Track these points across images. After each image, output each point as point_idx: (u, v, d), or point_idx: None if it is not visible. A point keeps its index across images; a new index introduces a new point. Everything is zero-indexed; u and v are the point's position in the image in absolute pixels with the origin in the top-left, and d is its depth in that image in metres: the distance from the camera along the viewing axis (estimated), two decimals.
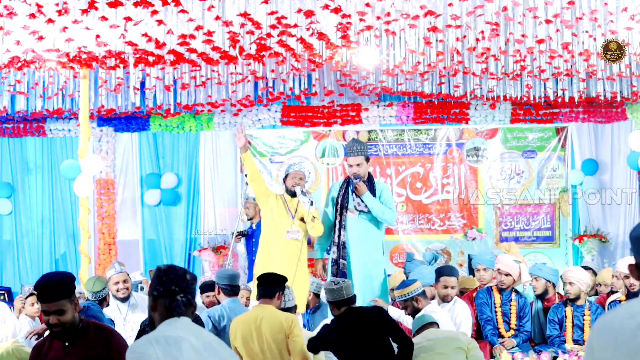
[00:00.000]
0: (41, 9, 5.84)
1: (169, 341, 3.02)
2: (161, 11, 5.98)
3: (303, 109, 10.42)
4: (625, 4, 6.43)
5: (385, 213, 7.36)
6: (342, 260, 7.40)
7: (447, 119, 10.41)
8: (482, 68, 8.10)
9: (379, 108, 10.42)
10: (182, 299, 3.15)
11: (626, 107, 10.02)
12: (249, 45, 6.78)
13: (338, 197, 7.53)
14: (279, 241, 7.51)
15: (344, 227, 7.43)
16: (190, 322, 3.18)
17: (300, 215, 7.52)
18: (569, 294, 6.68)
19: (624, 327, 2.49)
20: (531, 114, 10.36)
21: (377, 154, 10.56)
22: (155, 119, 10.47)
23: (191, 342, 3.05)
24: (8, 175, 10.88)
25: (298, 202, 7.50)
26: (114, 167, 10.69)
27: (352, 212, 7.46)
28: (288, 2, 6.20)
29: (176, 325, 3.10)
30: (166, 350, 2.99)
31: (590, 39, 6.86)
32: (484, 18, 6.52)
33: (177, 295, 3.14)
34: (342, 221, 7.45)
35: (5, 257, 10.82)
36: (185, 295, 3.16)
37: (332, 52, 7.45)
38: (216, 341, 3.21)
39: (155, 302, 3.19)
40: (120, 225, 10.65)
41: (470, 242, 10.44)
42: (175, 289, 3.16)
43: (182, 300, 3.15)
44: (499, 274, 7.01)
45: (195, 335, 3.11)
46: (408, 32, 6.86)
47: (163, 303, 3.15)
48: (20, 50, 6.85)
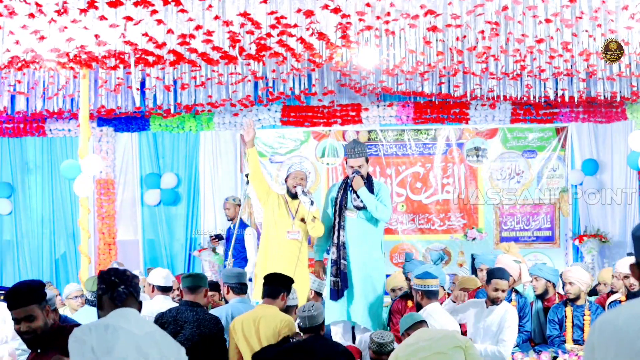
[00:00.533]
0: (41, 9, 5.84)
1: (107, 329, 3.21)
2: (161, 11, 5.98)
3: (303, 109, 10.42)
4: (625, 3, 6.43)
5: (379, 209, 7.34)
6: (343, 260, 7.40)
7: (447, 119, 10.41)
8: (482, 68, 8.10)
9: (379, 108, 10.42)
10: (123, 290, 3.38)
11: (626, 107, 10.02)
12: (249, 45, 6.78)
13: (337, 197, 7.53)
14: (279, 241, 7.52)
15: (343, 227, 7.43)
16: (136, 314, 3.38)
17: (300, 215, 7.52)
18: (569, 294, 6.68)
19: (629, 327, 2.47)
20: (531, 114, 10.36)
21: (377, 154, 10.56)
22: (155, 119, 10.47)
23: (131, 331, 3.22)
24: (8, 175, 10.88)
25: (299, 202, 7.51)
26: (114, 167, 10.68)
27: (351, 212, 7.46)
28: (288, 2, 6.19)
29: (120, 315, 3.30)
30: (102, 336, 3.17)
31: (590, 38, 6.86)
32: (484, 17, 6.52)
33: (119, 286, 3.38)
34: (341, 222, 7.45)
35: (5, 257, 10.82)
36: (126, 287, 3.40)
37: (332, 52, 7.45)
38: (159, 333, 3.38)
39: (101, 300, 3.43)
40: (120, 225, 10.65)
41: (470, 242, 10.44)
42: (115, 280, 3.40)
43: (124, 291, 3.38)
44: None
45: (139, 326, 3.30)
46: (408, 32, 6.85)
47: (107, 297, 3.39)
48: (20, 50, 6.85)
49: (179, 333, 5.16)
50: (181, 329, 5.17)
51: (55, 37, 6.40)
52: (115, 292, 3.38)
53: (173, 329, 5.17)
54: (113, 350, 3.16)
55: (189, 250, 10.67)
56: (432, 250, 9.86)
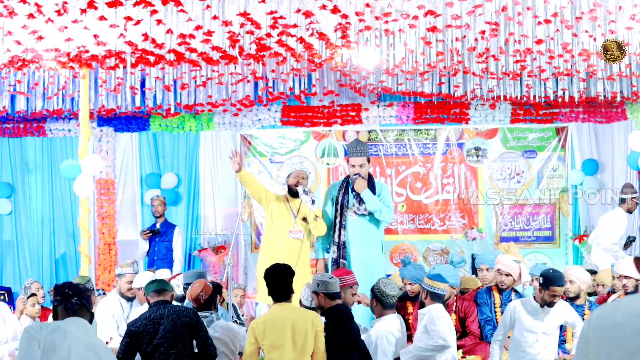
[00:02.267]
0: (40, 9, 5.84)
1: (57, 330, 3.57)
2: (161, 11, 5.98)
3: (303, 109, 10.41)
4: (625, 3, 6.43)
5: (384, 211, 7.37)
6: (342, 260, 7.42)
7: (447, 119, 10.40)
8: (482, 68, 8.10)
9: (379, 108, 10.41)
10: (76, 301, 3.71)
11: (626, 107, 10.01)
12: (249, 45, 6.78)
13: (338, 196, 7.54)
14: (281, 241, 7.55)
15: (344, 226, 7.44)
16: (86, 323, 3.71)
17: (302, 215, 7.54)
18: (569, 293, 6.68)
19: (626, 325, 2.45)
20: (531, 114, 10.35)
21: (377, 154, 10.55)
22: (155, 119, 10.47)
23: (77, 336, 3.54)
24: (8, 175, 10.88)
25: (300, 202, 7.53)
26: (114, 167, 10.68)
27: (351, 212, 7.47)
28: (287, 2, 6.19)
29: (72, 322, 3.64)
30: (49, 335, 3.52)
31: (590, 39, 6.86)
32: (484, 18, 6.52)
33: (72, 298, 3.71)
34: (342, 221, 7.47)
35: (5, 257, 10.82)
36: (79, 299, 3.73)
37: (332, 52, 7.45)
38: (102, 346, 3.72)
39: (56, 311, 3.76)
40: (120, 225, 10.65)
41: (470, 242, 10.44)
42: (69, 292, 3.73)
43: (77, 302, 3.71)
44: (499, 274, 7.02)
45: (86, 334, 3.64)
46: (408, 32, 6.86)
47: (61, 308, 3.72)
48: (20, 50, 6.85)
49: (158, 330, 5.16)
50: (159, 325, 5.17)
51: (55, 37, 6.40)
52: (69, 303, 3.70)
53: (150, 328, 5.17)
54: (57, 349, 3.49)
55: (189, 251, 10.67)
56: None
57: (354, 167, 7.48)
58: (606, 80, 8.61)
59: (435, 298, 5.93)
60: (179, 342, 5.15)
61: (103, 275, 10.23)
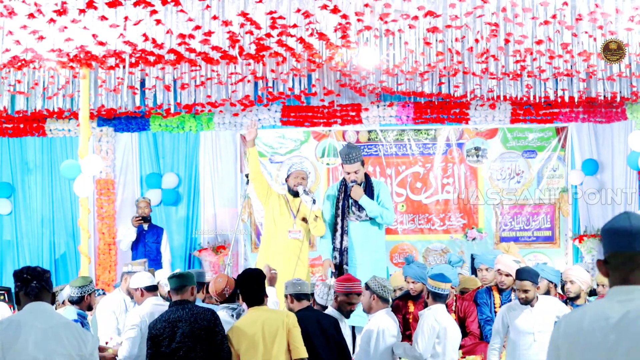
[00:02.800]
0: (40, 9, 5.84)
1: (11, 324, 3.64)
2: (160, 11, 5.98)
3: (303, 109, 10.41)
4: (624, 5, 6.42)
5: (384, 215, 7.37)
6: (345, 266, 7.39)
7: (447, 119, 10.40)
8: (482, 68, 8.10)
9: (379, 108, 10.41)
10: (36, 284, 3.74)
11: (626, 107, 10.01)
12: (249, 45, 6.78)
13: (338, 200, 7.53)
14: (281, 241, 7.54)
15: (346, 232, 7.43)
16: (47, 306, 3.74)
17: (302, 215, 7.54)
18: (569, 292, 6.68)
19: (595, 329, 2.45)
20: (531, 114, 10.35)
21: (377, 154, 10.55)
22: (155, 119, 10.46)
23: (35, 326, 3.59)
24: (8, 175, 10.87)
25: (300, 202, 7.53)
26: (114, 167, 10.67)
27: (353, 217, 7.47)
28: (287, 2, 6.19)
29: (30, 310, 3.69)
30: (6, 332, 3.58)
31: (590, 39, 6.86)
32: (484, 19, 6.52)
33: (31, 282, 3.75)
34: (344, 226, 7.45)
35: (5, 257, 10.81)
36: (38, 282, 3.76)
37: (332, 52, 7.45)
38: (63, 325, 3.69)
39: (18, 297, 3.81)
40: (120, 226, 10.63)
41: (470, 242, 10.44)
42: (28, 277, 3.77)
43: (37, 285, 3.74)
44: (499, 274, 7.00)
45: (45, 319, 3.65)
46: (408, 33, 6.86)
47: (22, 293, 3.76)
48: (20, 50, 6.85)
49: (176, 333, 5.16)
50: (177, 328, 5.16)
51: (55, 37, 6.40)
52: (29, 287, 3.74)
53: (169, 331, 5.16)
54: (15, 344, 3.54)
55: (189, 250, 10.67)
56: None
57: (348, 174, 7.47)
58: (606, 81, 8.61)
59: (437, 298, 5.92)
60: (197, 346, 5.13)
61: (103, 275, 10.22)
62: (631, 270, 2.51)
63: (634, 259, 2.52)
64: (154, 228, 10.09)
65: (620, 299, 2.48)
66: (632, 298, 2.47)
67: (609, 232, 2.58)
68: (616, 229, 2.55)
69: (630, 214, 2.57)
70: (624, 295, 2.49)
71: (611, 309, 2.46)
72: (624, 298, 2.48)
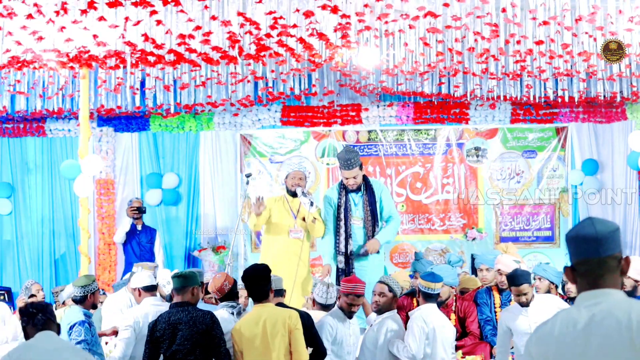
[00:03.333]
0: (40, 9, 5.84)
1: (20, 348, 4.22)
2: (160, 11, 5.98)
3: (303, 109, 10.41)
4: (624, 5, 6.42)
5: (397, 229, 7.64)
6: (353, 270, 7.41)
7: (447, 119, 10.41)
8: (482, 68, 8.10)
9: (379, 108, 10.42)
10: (41, 317, 4.27)
11: (626, 107, 10.02)
12: (249, 46, 6.78)
13: (339, 205, 7.55)
14: (282, 241, 7.56)
15: (350, 236, 7.45)
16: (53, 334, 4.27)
17: (302, 215, 7.55)
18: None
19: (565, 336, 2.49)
20: (531, 114, 10.35)
21: (377, 154, 10.56)
22: (155, 119, 10.47)
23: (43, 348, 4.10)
24: (8, 175, 10.88)
25: (300, 202, 7.53)
26: (114, 167, 10.68)
27: (356, 219, 7.49)
28: (287, 2, 6.19)
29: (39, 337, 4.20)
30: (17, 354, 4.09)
31: (590, 39, 6.86)
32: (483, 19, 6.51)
33: (37, 315, 4.27)
34: (347, 230, 7.47)
35: (5, 257, 10.82)
36: (44, 315, 4.28)
37: (332, 52, 7.45)
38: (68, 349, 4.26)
39: (26, 330, 4.31)
40: (120, 225, 10.64)
41: (470, 242, 10.44)
42: (33, 311, 4.30)
43: (42, 318, 4.26)
44: (499, 274, 7.01)
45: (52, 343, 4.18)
46: (408, 33, 6.86)
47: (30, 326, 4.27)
48: (20, 50, 6.85)
49: (176, 335, 5.17)
50: (177, 330, 5.17)
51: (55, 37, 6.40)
52: (35, 319, 4.26)
53: (169, 333, 5.18)
54: None
55: (189, 251, 10.67)
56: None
57: (347, 179, 7.49)
58: (606, 81, 8.61)
59: (427, 298, 5.92)
60: (197, 349, 5.15)
61: (103, 275, 10.23)
62: (599, 276, 2.54)
63: (601, 265, 2.54)
64: (148, 229, 10.11)
65: (587, 304, 2.52)
66: (598, 302, 2.50)
67: (575, 240, 2.59)
68: (582, 236, 2.57)
69: (595, 219, 2.58)
70: (591, 299, 2.52)
71: (578, 315, 2.50)
72: (591, 303, 2.51)
